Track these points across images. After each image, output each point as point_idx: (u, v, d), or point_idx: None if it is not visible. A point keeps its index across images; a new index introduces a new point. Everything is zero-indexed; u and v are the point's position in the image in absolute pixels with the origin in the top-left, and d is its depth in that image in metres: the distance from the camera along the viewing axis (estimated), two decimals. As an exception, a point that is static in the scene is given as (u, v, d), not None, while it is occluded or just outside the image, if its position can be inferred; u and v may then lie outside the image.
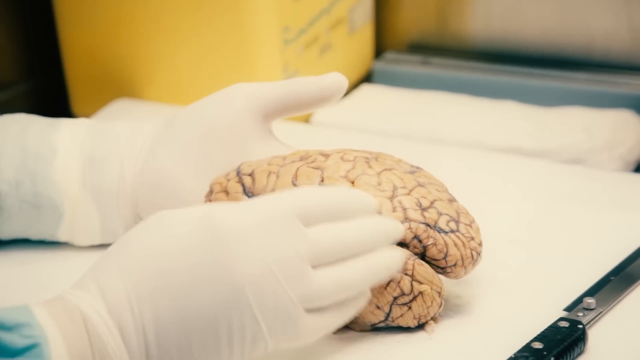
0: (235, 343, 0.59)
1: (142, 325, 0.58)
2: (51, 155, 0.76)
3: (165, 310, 0.58)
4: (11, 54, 1.10)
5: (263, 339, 0.59)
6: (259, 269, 0.58)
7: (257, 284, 0.58)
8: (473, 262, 0.67)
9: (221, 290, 0.58)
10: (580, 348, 0.64)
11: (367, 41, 1.18)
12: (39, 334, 0.55)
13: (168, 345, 0.58)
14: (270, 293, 0.59)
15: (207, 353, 0.59)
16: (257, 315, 0.58)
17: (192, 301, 0.58)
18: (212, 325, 0.58)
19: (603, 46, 1.10)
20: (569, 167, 0.93)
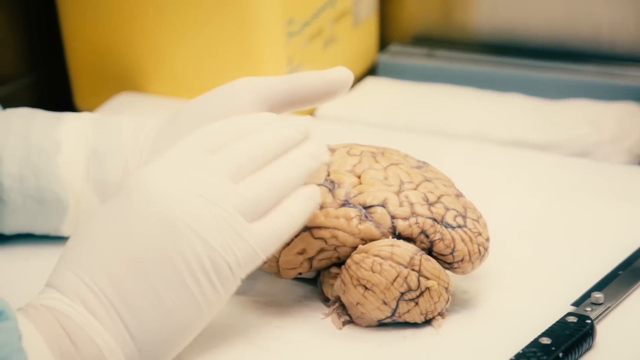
0: (199, 275, 0.60)
1: (102, 292, 0.59)
2: (55, 149, 0.76)
3: (117, 270, 0.59)
4: (14, 48, 1.09)
5: (222, 260, 0.60)
6: (186, 196, 0.60)
7: (189, 208, 0.60)
8: (480, 258, 0.67)
9: (159, 227, 0.59)
10: (588, 343, 0.63)
11: (371, 34, 1.18)
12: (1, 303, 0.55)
13: (135, 300, 0.59)
14: (204, 213, 0.60)
15: (177, 295, 0.59)
16: (203, 235, 0.60)
17: (136, 249, 0.59)
18: (167, 264, 0.59)
19: (609, 38, 1.10)
20: (575, 160, 0.93)
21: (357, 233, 0.66)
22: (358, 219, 0.66)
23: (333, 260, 0.68)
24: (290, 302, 0.70)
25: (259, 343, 0.65)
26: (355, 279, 0.65)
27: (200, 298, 0.60)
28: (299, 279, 0.72)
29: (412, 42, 1.19)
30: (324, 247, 0.67)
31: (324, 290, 0.69)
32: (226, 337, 0.66)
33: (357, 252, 0.66)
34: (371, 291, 0.65)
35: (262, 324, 0.68)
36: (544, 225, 0.79)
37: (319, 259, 0.68)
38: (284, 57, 1.02)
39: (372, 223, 0.66)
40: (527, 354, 0.61)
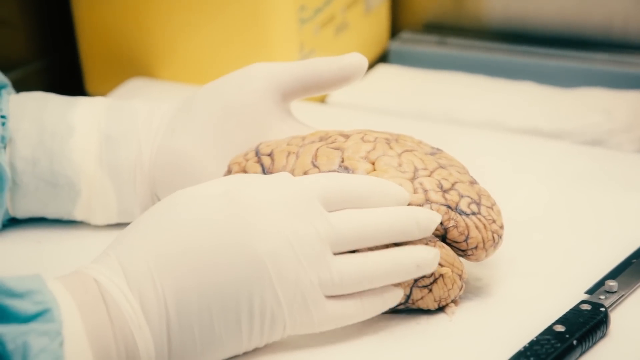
0: (256, 320, 0.59)
1: (164, 297, 0.58)
2: (68, 133, 0.76)
3: (187, 283, 0.58)
4: (25, 32, 1.09)
5: (282, 319, 0.59)
6: (281, 246, 0.59)
7: (278, 260, 0.59)
8: (494, 245, 0.67)
9: (243, 264, 0.58)
10: (602, 331, 0.63)
11: (383, 21, 1.18)
12: (49, 299, 0.55)
13: (189, 318, 0.58)
14: (291, 271, 0.59)
15: (227, 329, 0.59)
16: (278, 291, 0.59)
17: (213, 274, 0.58)
18: (233, 299, 0.58)
19: (622, 26, 1.09)
20: (587, 149, 0.92)
21: (370, 219, 0.66)
22: (372, 206, 0.66)
23: (347, 247, 0.68)
24: (303, 288, 0.70)
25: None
26: (369, 265, 0.65)
27: (245, 337, 0.60)
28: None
29: (424, 30, 1.19)
30: (338, 233, 0.67)
31: (337, 276, 0.69)
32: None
33: (371, 238, 0.66)
34: (384, 278, 0.65)
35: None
36: (556, 213, 0.79)
37: (332, 245, 0.68)
38: (296, 43, 1.02)
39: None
40: (540, 342, 0.61)
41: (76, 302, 0.57)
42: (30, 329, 0.53)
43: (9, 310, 0.54)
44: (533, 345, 0.61)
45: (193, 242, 0.59)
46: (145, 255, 0.58)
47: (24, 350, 0.53)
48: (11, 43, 1.08)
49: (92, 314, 0.57)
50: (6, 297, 0.54)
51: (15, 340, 0.53)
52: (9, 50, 1.07)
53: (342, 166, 0.67)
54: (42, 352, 0.53)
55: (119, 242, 0.60)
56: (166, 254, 0.58)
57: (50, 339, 0.54)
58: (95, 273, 0.59)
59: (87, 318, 0.56)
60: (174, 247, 0.59)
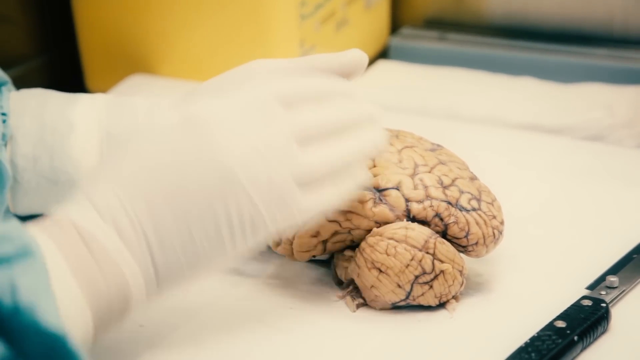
0: (236, 227, 0.59)
1: (139, 222, 0.58)
2: (69, 130, 0.76)
3: (159, 204, 0.58)
4: (26, 29, 1.09)
5: (262, 220, 0.60)
6: (246, 150, 0.59)
7: (246, 164, 0.59)
8: (495, 241, 0.67)
9: (211, 173, 0.59)
10: (603, 327, 0.63)
11: (383, 16, 1.18)
12: (28, 240, 0.54)
13: (169, 238, 0.58)
14: (261, 172, 0.59)
15: (209, 241, 0.59)
16: (252, 194, 0.59)
17: (184, 190, 0.58)
18: (209, 211, 0.59)
19: (622, 22, 1.09)
20: (588, 144, 0.92)
21: (371, 216, 0.66)
22: (372, 202, 0.66)
23: (347, 243, 0.68)
24: (304, 285, 0.70)
25: (273, 324, 0.65)
26: (370, 262, 0.65)
27: (228, 245, 0.60)
28: (312, 262, 0.72)
29: (424, 25, 1.19)
30: (338, 230, 0.67)
31: (337, 272, 0.69)
32: (240, 318, 0.66)
33: (372, 235, 0.66)
34: (385, 274, 0.65)
35: (276, 305, 0.68)
36: (557, 209, 0.79)
37: (332, 242, 0.68)
38: (297, 39, 1.02)
39: (386, 206, 0.66)
40: (542, 337, 0.61)
41: (54, 241, 0.56)
42: (15, 268, 0.53)
43: None
44: (534, 341, 0.61)
45: (159, 164, 0.59)
46: (113, 187, 0.58)
47: (11, 289, 0.52)
48: (11, 40, 1.08)
49: (71, 250, 0.57)
50: None
51: (1, 281, 0.52)
52: (10, 47, 1.07)
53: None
54: (30, 287, 0.52)
55: (86, 183, 0.60)
56: (134, 181, 0.59)
57: (36, 274, 0.53)
58: (68, 213, 0.58)
59: (68, 254, 0.56)
60: (140, 172, 0.59)
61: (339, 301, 0.68)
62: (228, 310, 0.67)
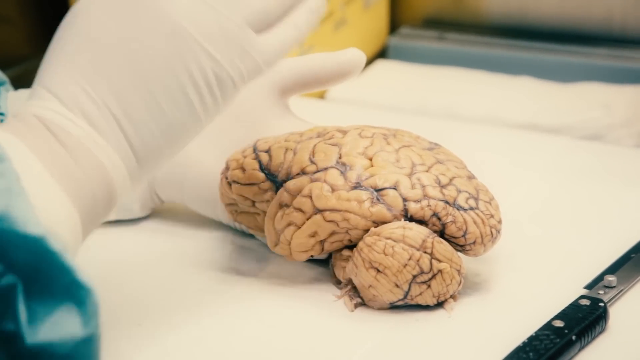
0: (202, 87, 0.57)
1: (104, 102, 0.56)
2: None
3: (118, 77, 0.56)
4: (24, 29, 1.09)
5: (226, 74, 0.58)
6: (193, 4, 0.57)
7: (195, 18, 0.57)
8: (492, 240, 0.67)
9: (163, 36, 0.56)
10: (601, 326, 0.63)
11: (382, 16, 1.18)
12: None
13: (137, 112, 0.56)
14: (212, 23, 0.57)
15: (179, 107, 0.57)
16: (209, 48, 0.57)
17: (139, 58, 0.56)
18: (170, 75, 0.57)
19: (621, 21, 1.09)
20: (586, 144, 0.92)
21: (368, 216, 0.66)
22: (370, 202, 0.66)
23: (345, 243, 0.68)
24: (302, 284, 0.70)
25: (271, 324, 0.65)
26: (368, 261, 0.65)
27: (199, 109, 0.58)
28: (310, 261, 0.72)
29: (423, 25, 1.19)
30: (336, 230, 0.67)
31: (335, 272, 0.69)
32: (239, 318, 0.66)
33: (369, 234, 0.66)
34: (383, 274, 0.65)
35: (274, 305, 0.68)
36: (555, 208, 0.79)
37: (330, 242, 0.68)
38: (295, 39, 1.02)
39: (383, 206, 0.66)
40: (539, 337, 0.61)
41: (22, 139, 0.54)
42: None
43: None
44: (532, 341, 0.61)
45: (108, 40, 0.57)
46: (70, 72, 0.56)
47: None
48: (10, 40, 1.08)
49: (41, 145, 0.54)
50: None
51: None
52: (8, 47, 1.07)
53: (340, 162, 0.67)
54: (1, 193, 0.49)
55: (38, 77, 0.58)
56: (88, 63, 0.56)
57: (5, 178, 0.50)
58: (30, 108, 0.56)
59: (38, 150, 0.54)
60: (93, 54, 0.56)
61: (337, 301, 0.68)
62: (226, 309, 0.67)
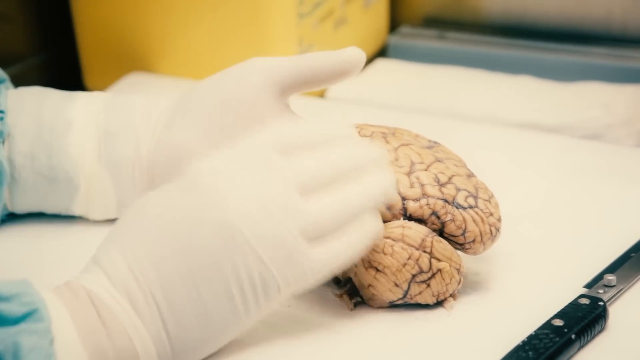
0: (247, 289, 0.58)
1: (149, 289, 0.58)
2: (66, 128, 0.76)
3: (167, 268, 0.58)
4: (24, 27, 1.09)
5: (273, 280, 0.59)
6: (250, 205, 0.58)
7: (251, 221, 0.58)
8: (492, 238, 0.67)
9: (217, 234, 0.58)
10: (601, 325, 0.63)
11: (382, 15, 1.17)
12: (37, 300, 0.55)
13: (180, 304, 0.58)
14: (267, 228, 0.58)
15: (221, 306, 0.58)
16: (259, 252, 0.58)
17: (190, 252, 0.58)
18: (217, 273, 0.58)
19: (621, 20, 1.09)
20: (587, 143, 0.92)
21: (368, 214, 0.66)
22: (369, 200, 0.66)
23: (344, 242, 0.68)
24: (302, 283, 0.70)
25: (270, 323, 0.65)
26: (367, 261, 0.65)
27: (242, 309, 0.59)
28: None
29: (423, 24, 1.19)
30: (336, 228, 0.67)
31: (335, 271, 0.69)
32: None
33: (369, 233, 0.66)
34: (383, 273, 0.65)
35: (274, 304, 0.68)
36: (555, 208, 0.79)
37: (330, 241, 0.68)
38: (295, 38, 1.02)
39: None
40: (539, 336, 0.61)
41: (65, 305, 0.56)
42: (20, 329, 0.53)
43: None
44: (532, 340, 0.61)
45: (165, 230, 0.58)
46: (124, 254, 0.58)
47: (14, 350, 0.53)
48: (10, 38, 1.08)
49: (82, 316, 0.56)
50: None
51: (5, 340, 0.53)
52: (8, 45, 1.07)
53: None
54: (33, 351, 0.53)
55: (98, 250, 0.60)
56: (142, 248, 0.58)
57: (40, 337, 0.53)
58: (82, 280, 0.58)
59: (78, 320, 0.56)
60: (148, 239, 0.58)
61: (337, 300, 0.68)
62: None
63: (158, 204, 0.60)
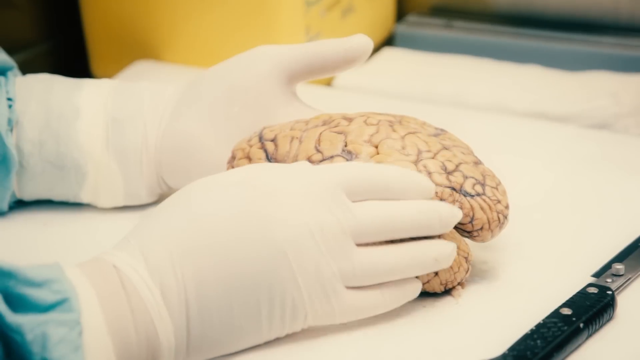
0: (276, 310, 0.59)
1: (184, 286, 0.58)
2: (74, 115, 0.76)
3: (207, 273, 0.58)
4: (31, 14, 1.09)
5: (303, 308, 0.59)
6: (301, 234, 0.58)
7: (298, 249, 0.58)
8: (500, 225, 0.67)
9: (262, 252, 0.58)
10: (609, 314, 0.63)
11: (389, 4, 1.17)
12: (68, 289, 0.55)
13: (209, 308, 0.58)
14: (312, 260, 0.58)
15: (248, 319, 0.59)
16: (298, 280, 0.58)
17: (233, 262, 0.58)
18: (253, 288, 0.58)
19: (629, 10, 1.09)
20: (594, 132, 0.92)
21: (376, 203, 0.66)
22: (377, 189, 0.66)
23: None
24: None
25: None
26: (376, 248, 0.65)
27: (265, 325, 0.59)
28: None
29: (430, 13, 1.19)
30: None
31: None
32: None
33: (377, 222, 0.65)
34: (391, 261, 0.65)
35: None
36: (562, 197, 0.79)
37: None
38: (302, 26, 1.01)
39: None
40: (547, 324, 0.61)
41: (96, 291, 0.56)
42: (49, 319, 0.53)
43: (27, 299, 0.54)
44: (540, 328, 0.61)
45: (214, 234, 0.58)
46: (168, 245, 0.58)
47: (43, 340, 0.52)
48: (17, 25, 1.08)
49: (112, 303, 0.56)
50: (25, 287, 0.54)
51: (34, 330, 0.52)
52: (15, 33, 1.07)
53: (346, 150, 0.67)
54: (61, 342, 0.53)
55: (140, 230, 0.60)
56: (187, 245, 0.58)
57: (69, 329, 0.53)
58: (116, 260, 0.58)
59: (107, 307, 0.56)
60: (195, 237, 0.58)
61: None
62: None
63: (215, 204, 0.59)
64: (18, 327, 0.52)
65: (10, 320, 0.52)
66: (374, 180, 0.61)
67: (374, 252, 0.60)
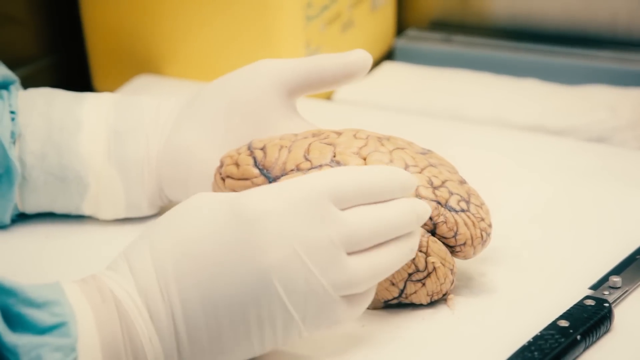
0: (266, 330, 0.58)
1: (171, 308, 0.57)
2: (76, 128, 0.76)
3: (191, 294, 0.57)
4: (34, 29, 1.10)
5: (296, 327, 0.59)
6: (287, 256, 0.57)
7: (284, 272, 0.57)
8: (482, 243, 0.67)
9: (247, 278, 0.57)
10: (606, 326, 0.63)
11: (389, 18, 1.18)
12: (67, 313, 0.55)
13: (197, 329, 0.58)
14: (300, 280, 0.58)
15: (237, 340, 0.58)
16: (287, 304, 0.58)
17: (218, 286, 0.57)
18: (240, 312, 0.58)
19: (626, 24, 1.10)
20: (592, 146, 0.92)
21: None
22: (365, 202, 0.66)
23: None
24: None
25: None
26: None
27: (257, 347, 0.59)
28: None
29: (429, 27, 1.19)
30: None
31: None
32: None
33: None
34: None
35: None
36: (560, 210, 0.79)
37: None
38: (302, 40, 1.02)
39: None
40: (544, 336, 0.61)
41: (94, 314, 0.56)
42: (45, 342, 0.53)
43: (26, 319, 0.54)
44: (537, 340, 0.61)
45: (197, 254, 0.58)
46: (154, 265, 0.58)
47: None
48: (19, 40, 1.08)
49: (108, 327, 0.56)
50: (25, 306, 0.54)
51: (30, 352, 0.52)
52: (18, 47, 1.08)
53: (334, 160, 0.68)
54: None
55: (131, 249, 0.60)
56: (172, 265, 0.58)
57: (64, 355, 0.53)
58: (111, 282, 0.58)
59: (103, 332, 0.56)
60: (178, 258, 0.58)
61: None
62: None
63: (200, 224, 0.59)
64: (14, 348, 0.52)
65: (7, 340, 0.52)
66: (359, 184, 0.60)
67: (364, 259, 0.60)
